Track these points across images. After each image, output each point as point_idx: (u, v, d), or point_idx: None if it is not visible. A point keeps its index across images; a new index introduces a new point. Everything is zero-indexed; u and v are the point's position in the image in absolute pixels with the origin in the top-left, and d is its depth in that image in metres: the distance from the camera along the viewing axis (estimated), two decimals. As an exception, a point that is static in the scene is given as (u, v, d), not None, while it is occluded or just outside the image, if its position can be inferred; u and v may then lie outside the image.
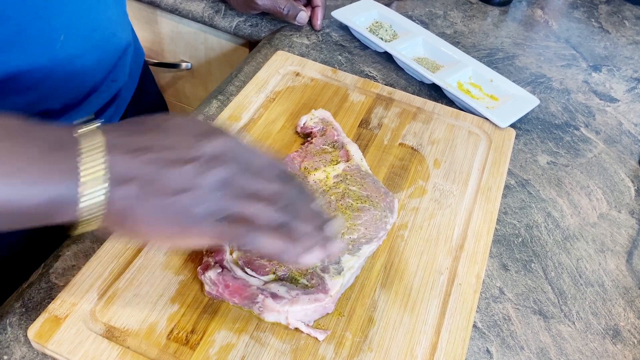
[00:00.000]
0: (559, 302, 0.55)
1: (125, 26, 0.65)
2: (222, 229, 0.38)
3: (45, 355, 0.46)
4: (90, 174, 0.35)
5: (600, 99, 0.80)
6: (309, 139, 0.64)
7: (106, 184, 0.36)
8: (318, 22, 0.84)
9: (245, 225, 0.38)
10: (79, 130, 0.37)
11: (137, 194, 0.36)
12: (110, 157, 0.36)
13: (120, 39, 0.63)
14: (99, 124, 0.38)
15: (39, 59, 0.50)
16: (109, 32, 0.59)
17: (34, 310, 0.49)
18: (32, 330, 0.45)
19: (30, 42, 0.49)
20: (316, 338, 0.47)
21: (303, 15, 0.82)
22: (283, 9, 0.81)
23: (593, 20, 0.97)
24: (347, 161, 0.60)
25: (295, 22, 0.83)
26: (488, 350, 0.50)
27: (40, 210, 0.35)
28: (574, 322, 0.53)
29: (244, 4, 0.85)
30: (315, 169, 0.59)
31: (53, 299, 0.48)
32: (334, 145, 0.62)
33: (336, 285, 0.48)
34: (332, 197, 0.56)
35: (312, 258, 0.40)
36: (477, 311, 0.53)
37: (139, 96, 0.76)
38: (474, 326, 0.52)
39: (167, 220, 0.37)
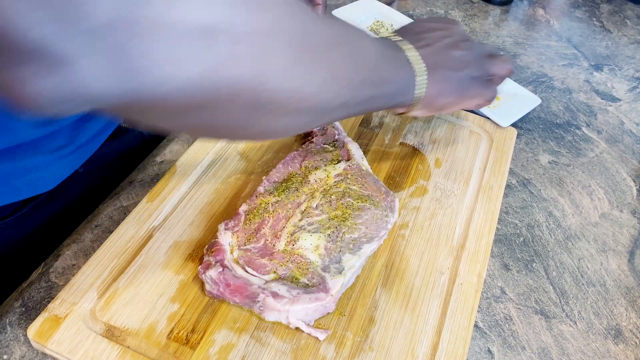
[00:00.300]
0: (560, 302, 0.54)
1: None
2: (486, 85, 0.55)
3: (45, 354, 0.46)
4: (417, 66, 0.49)
5: (602, 99, 0.80)
6: (309, 138, 0.64)
7: (426, 73, 0.50)
8: None
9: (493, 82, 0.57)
10: (394, 39, 0.51)
11: (443, 74, 0.51)
12: (419, 53, 0.50)
13: None
14: (400, 39, 0.52)
15: None
16: None
17: (33, 310, 0.48)
18: (32, 330, 0.45)
19: None
20: (317, 338, 0.47)
21: None
22: None
23: (595, 19, 0.97)
24: (348, 160, 0.59)
25: None
26: (489, 350, 0.50)
27: (391, 96, 0.48)
28: (575, 322, 0.53)
29: None
30: (316, 167, 0.59)
31: (53, 298, 0.48)
32: (334, 144, 0.62)
33: (337, 284, 0.48)
34: (332, 196, 0.55)
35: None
36: (478, 311, 0.52)
37: None
38: (475, 326, 0.51)
39: (462, 88, 0.53)
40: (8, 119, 0.47)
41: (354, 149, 0.61)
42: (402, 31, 0.55)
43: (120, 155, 0.68)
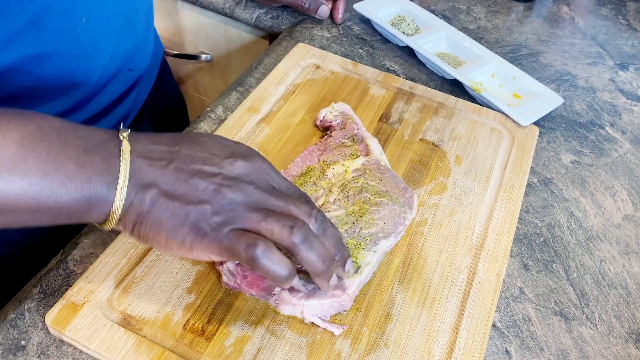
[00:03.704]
0: (580, 304, 0.53)
1: (143, 16, 0.64)
2: (232, 239, 0.38)
3: (62, 341, 0.46)
4: (122, 177, 0.37)
5: (627, 98, 0.78)
6: (328, 132, 0.64)
7: (128, 188, 0.37)
8: (339, 15, 0.83)
9: (255, 237, 0.38)
10: (114, 134, 0.39)
11: (155, 199, 0.38)
12: (136, 162, 0.38)
13: (140, 27, 0.62)
14: (129, 130, 0.40)
15: (61, 42, 0.50)
16: (129, 17, 0.58)
17: (51, 297, 0.49)
18: (50, 317, 0.45)
19: (52, 24, 0.48)
20: (332, 333, 0.47)
21: (324, 9, 0.82)
22: (305, 3, 0.81)
23: (621, 17, 0.95)
24: (367, 155, 0.59)
25: (317, 16, 0.82)
26: (507, 351, 0.49)
27: (73, 208, 0.37)
28: (595, 325, 0.52)
29: None
30: (334, 162, 0.58)
31: (71, 286, 0.48)
32: (353, 139, 0.61)
33: (354, 284, 0.47)
34: (350, 191, 0.55)
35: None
36: (496, 311, 0.52)
37: (158, 89, 0.76)
38: (493, 326, 0.51)
39: (178, 228, 0.38)
40: None
41: (373, 144, 0.60)
42: (176, 135, 0.42)
43: None
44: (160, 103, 0.79)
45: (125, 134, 0.39)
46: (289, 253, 0.40)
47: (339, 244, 0.43)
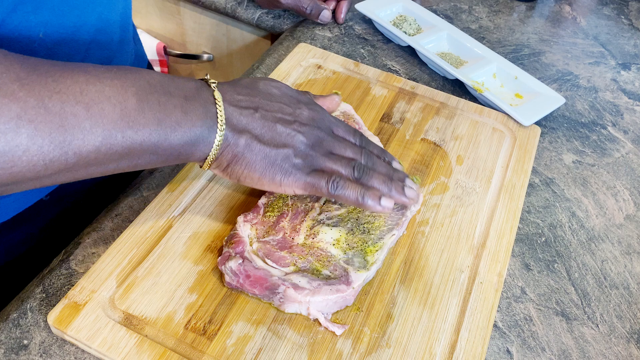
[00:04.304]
0: (582, 304, 0.53)
1: (121, 27, 0.60)
2: (313, 178, 0.46)
3: (64, 340, 0.46)
4: (220, 122, 0.44)
5: (629, 98, 0.78)
6: (330, 132, 0.64)
7: (225, 132, 0.44)
8: (342, 15, 0.83)
9: (332, 175, 0.47)
10: (203, 83, 0.45)
11: (248, 143, 0.45)
12: (229, 110, 0.45)
13: (113, 38, 0.59)
14: (216, 82, 0.46)
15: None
16: (99, 29, 0.55)
17: (54, 296, 0.49)
18: (52, 316, 0.45)
19: (6, 39, 0.46)
20: (334, 332, 0.47)
21: (326, 14, 0.82)
22: (306, 8, 0.81)
23: (623, 17, 0.94)
24: None
25: (319, 21, 0.82)
26: (508, 351, 0.49)
27: (182, 149, 0.43)
28: (597, 325, 0.52)
29: (268, 2, 0.85)
30: (336, 162, 0.58)
31: (73, 285, 0.48)
32: (355, 139, 0.61)
33: (360, 278, 0.47)
34: None
35: (389, 202, 0.48)
36: (498, 311, 0.52)
37: None
38: (495, 326, 0.51)
39: (268, 167, 0.46)
40: None
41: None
42: (249, 82, 0.49)
43: (98, 185, 0.67)
44: None
45: (213, 84, 0.46)
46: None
47: (389, 170, 0.51)
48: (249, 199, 0.56)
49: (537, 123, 0.69)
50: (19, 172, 0.36)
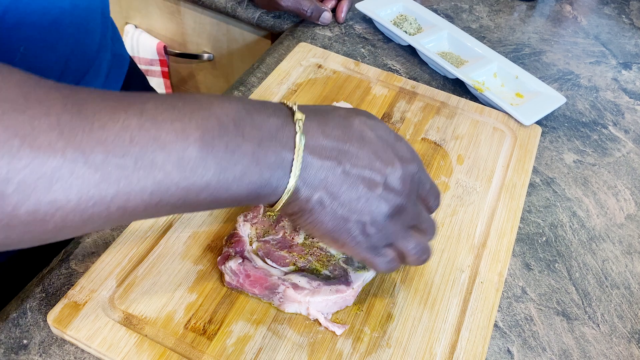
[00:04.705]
0: (583, 304, 0.53)
1: (94, 34, 0.59)
2: (377, 255, 0.42)
3: (64, 340, 0.46)
4: (294, 175, 0.37)
5: (630, 97, 0.78)
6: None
7: (297, 185, 0.38)
8: (342, 14, 0.83)
9: (395, 259, 0.43)
10: (288, 120, 0.38)
11: (321, 200, 0.39)
12: (307, 159, 0.38)
13: (89, 48, 0.58)
14: (301, 115, 0.39)
15: None
16: (75, 41, 0.54)
17: (53, 296, 0.49)
18: (52, 316, 0.45)
19: None
20: (334, 332, 0.47)
21: (327, 16, 0.82)
22: (307, 11, 0.81)
23: (624, 16, 0.94)
24: None
25: (319, 22, 0.82)
26: (509, 351, 0.49)
27: (244, 199, 0.37)
28: (598, 325, 0.52)
29: (268, 3, 0.84)
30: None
31: (73, 285, 0.48)
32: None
33: (359, 278, 0.47)
34: None
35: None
36: (498, 310, 0.52)
37: None
38: (495, 325, 0.51)
39: (337, 229, 0.40)
40: None
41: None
42: (343, 118, 0.41)
43: None
44: None
45: (300, 122, 0.38)
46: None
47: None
48: (249, 199, 0.56)
49: (538, 122, 0.69)
50: (56, 225, 0.31)
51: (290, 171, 0.37)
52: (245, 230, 0.51)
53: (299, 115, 0.38)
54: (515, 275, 0.55)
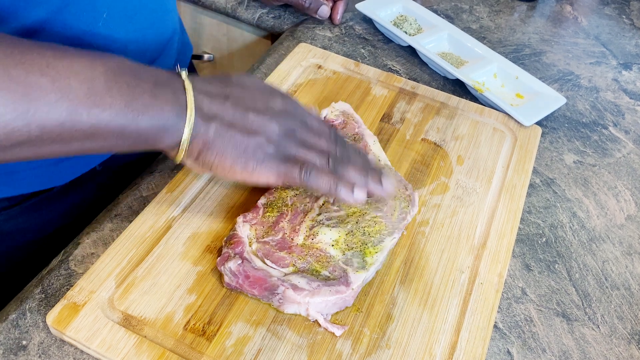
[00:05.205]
0: (583, 305, 0.53)
1: (171, 14, 0.63)
2: (286, 167, 0.46)
3: (63, 341, 0.46)
4: (189, 109, 0.43)
5: (631, 98, 0.78)
6: (330, 132, 0.63)
7: (194, 119, 0.43)
8: (338, 16, 0.83)
9: (305, 164, 0.46)
10: (174, 73, 0.45)
11: (219, 130, 0.44)
12: (199, 97, 0.44)
13: (165, 27, 0.61)
14: (186, 71, 0.46)
15: (82, 35, 0.50)
16: (153, 17, 0.58)
17: (53, 297, 0.49)
18: (51, 317, 0.45)
19: (73, 16, 0.48)
20: (333, 333, 0.46)
21: (324, 9, 0.82)
22: (305, 2, 0.81)
23: (624, 17, 0.94)
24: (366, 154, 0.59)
25: (316, 16, 0.82)
26: (509, 352, 0.49)
27: (149, 134, 0.42)
28: (598, 326, 0.52)
29: None
30: (336, 162, 0.58)
31: (72, 285, 0.48)
32: (354, 137, 0.61)
33: (359, 279, 0.47)
34: None
35: (362, 193, 0.48)
36: (498, 311, 0.51)
37: None
38: (495, 326, 0.50)
39: (240, 155, 0.45)
40: None
41: (371, 142, 0.60)
42: (222, 75, 0.48)
43: (142, 159, 0.67)
44: None
45: (184, 74, 0.45)
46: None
47: (365, 163, 0.50)
48: (248, 199, 0.56)
49: (538, 123, 0.69)
50: None
51: (187, 107, 0.43)
52: (245, 231, 0.51)
53: (182, 71, 0.45)
54: (515, 276, 0.55)
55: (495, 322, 0.51)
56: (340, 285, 0.47)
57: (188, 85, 0.44)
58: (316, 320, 0.47)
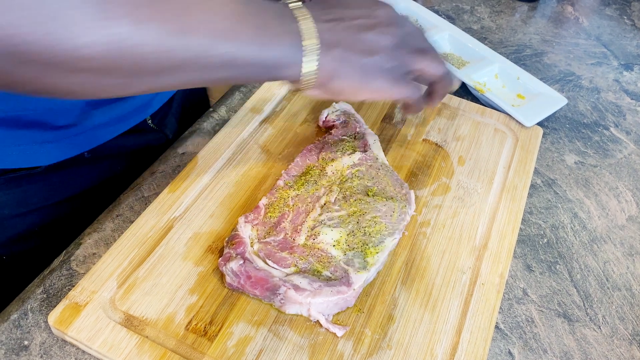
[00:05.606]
0: (584, 306, 0.53)
1: None
2: (405, 79, 0.49)
3: (65, 341, 0.46)
4: (308, 39, 0.44)
5: (632, 99, 0.78)
6: (330, 130, 0.63)
7: (319, 48, 0.44)
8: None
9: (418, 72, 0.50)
10: (291, 5, 0.45)
11: (342, 55, 0.45)
12: (319, 26, 0.44)
13: None
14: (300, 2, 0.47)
15: None
16: None
17: (54, 297, 0.49)
18: (53, 317, 0.45)
19: None
20: (335, 334, 0.46)
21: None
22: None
23: (625, 17, 0.94)
24: (365, 152, 0.59)
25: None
26: (510, 352, 0.49)
27: (272, 66, 0.43)
28: (599, 327, 0.52)
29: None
30: (333, 159, 0.58)
31: (74, 286, 0.48)
32: (355, 136, 0.61)
33: (360, 279, 0.47)
34: (347, 192, 0.55)
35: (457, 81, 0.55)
36: (499, 312, 0.51)
37: None
38: (496, 327, 0.50)
39: (365, 75, 0.46)
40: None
41: (371, 140, 0.60)
42: (313, 7, 0.49)
43: (138, 150, 0.67)
44: (195, 98, 0.79)
45: (297, 5, 0.45)
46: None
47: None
48: (250, 200, 0.56)
49: (539, 124, 0.69)
50: (130, 61, 0.36)
51: (309, 37, 0.44)
52: (247, 231, 0.51)
53: (292, 3, 0.46)
54: (516, 277, 0.55)
55: (497, 322, 0.51)
56: (341, 286, 0.47)
57: (306, 14, 0.45)
58: (317, 320, 0.47)
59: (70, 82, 0.36)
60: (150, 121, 0.66)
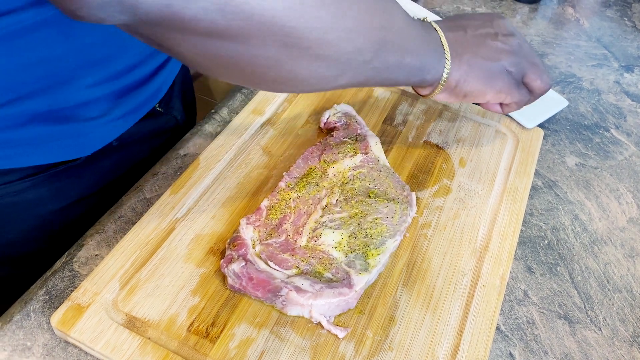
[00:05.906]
0: (585, 307, 0.53)
1: None
2: (521, 87, 0.55)
3: (67, 342, 0.46)
4: (445, 49, 0.49)
5: (632, 100, 0.78)
6: (331, 132, 0.64)
7: (450, 55, 0.50)
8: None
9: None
10: (428, 22, 0.52)
11: (471, 61, 0.51)
12: (448, 36, 0.50)
13: None
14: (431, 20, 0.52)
15: None
16: None
17: (57, 298, 0.49)
18: (55, 318, 0.45)
19: None
20: (336, 335, 0.47)
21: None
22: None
23: (626, 19, 0.94)
24: (366, 154, 0.59)
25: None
26: (511, 354, 0.49)
27: (418, 68, 0.48)
28: (600, 328, 0.52)
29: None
30: (334, 161, 0.58)
31: (76, 287, 0.48)
32: (357, 138, 0.62)
33: (362, 281, 0.48)
34: (348, 194, 0.55)
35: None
36: (500, 314, 0.52)
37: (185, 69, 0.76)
38: (497, 329, 0.51)
39: (489, 79, 0.52)
40: (54, 80, 0.49)
41: (372, 142, 0.60)
42: (439, 21, 0.55)
43: (154, 134, 0.68)
44: (188, 79, 0.80)
45: (429, 19, 0.52)
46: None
47: None
48: (251, 201, 0.56)
49: (540, 125, 0.69)
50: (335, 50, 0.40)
51: (442, 46, 0.50)
52: (248, 233, 0.51)
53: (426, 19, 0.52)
54: (517, 279, 0.55)
55: (498, 324, 0.51)
56: (343, 288, 0.47)
57: (437, 28, 0.50)
58: (319, 322, 0.47)
59: (311, 70, 0.40)
60: (157, 106, 0.67)
